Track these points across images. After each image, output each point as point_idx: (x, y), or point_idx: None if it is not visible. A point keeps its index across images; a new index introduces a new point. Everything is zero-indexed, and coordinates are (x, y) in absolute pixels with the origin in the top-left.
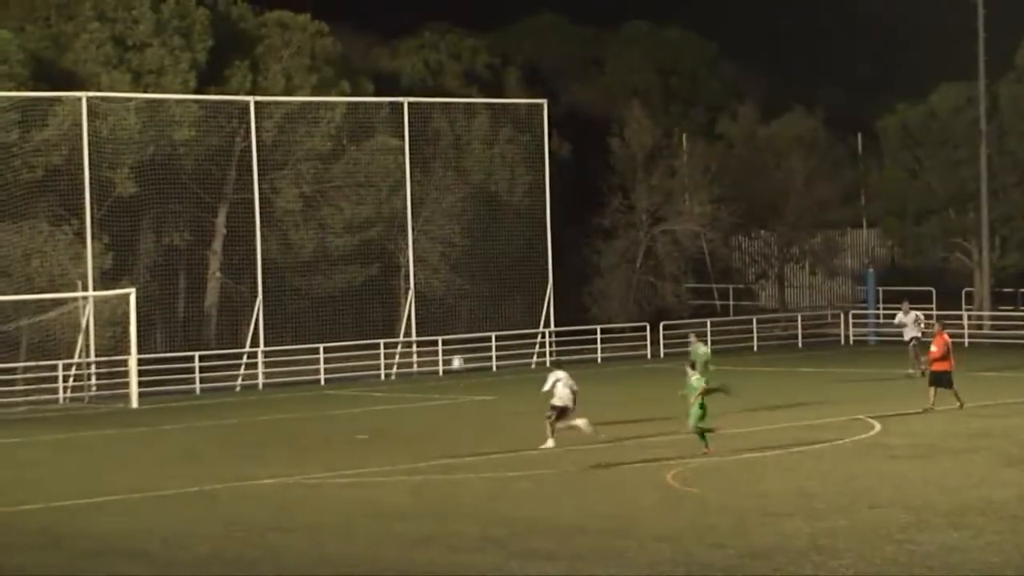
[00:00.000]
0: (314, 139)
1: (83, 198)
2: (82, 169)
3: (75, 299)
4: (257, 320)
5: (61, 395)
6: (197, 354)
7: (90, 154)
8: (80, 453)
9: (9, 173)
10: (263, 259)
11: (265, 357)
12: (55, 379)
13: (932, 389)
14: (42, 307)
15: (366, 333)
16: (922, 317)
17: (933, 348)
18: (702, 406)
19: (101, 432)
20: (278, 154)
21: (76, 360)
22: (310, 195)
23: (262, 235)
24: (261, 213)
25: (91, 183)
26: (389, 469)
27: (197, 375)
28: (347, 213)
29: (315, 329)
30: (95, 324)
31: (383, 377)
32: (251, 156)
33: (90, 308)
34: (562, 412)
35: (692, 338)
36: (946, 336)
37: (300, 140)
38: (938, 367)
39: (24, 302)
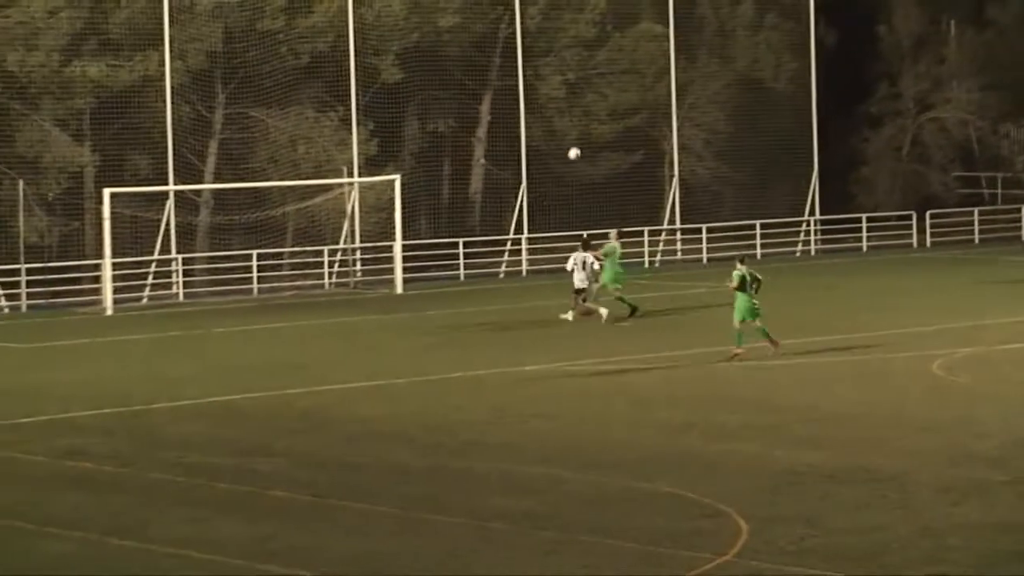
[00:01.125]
0: (578, 26)
1: (348, 84)
2: (347, 55)
3: (341, 185)
4: (521, 207)
5: (327, 280)
6: (461, 240)
7: (355, 40)
8: (344, 338)
9: (275, 60)
10: (527, 146)
11: (528, 244)
12: (320, 264)
13: None
14: (308, 193)
15: (629, 220)
16: None
17: None
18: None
19: (365, 317)
20: (542, 41)
21: (342, 246)
22: (574, 82)
23: (526, 122)
24: (525, 100)
25: (356, 69)
26: (652, 356)
27: (461, 261)
28: (611, 100)
29: (578, 216)
30: (360, 210)
31: (647, 264)
32: (515, 43)
33: (355, 194)
34: (579, 292)
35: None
36: None
37: (564, 27)
38: None
39: (291, 188)
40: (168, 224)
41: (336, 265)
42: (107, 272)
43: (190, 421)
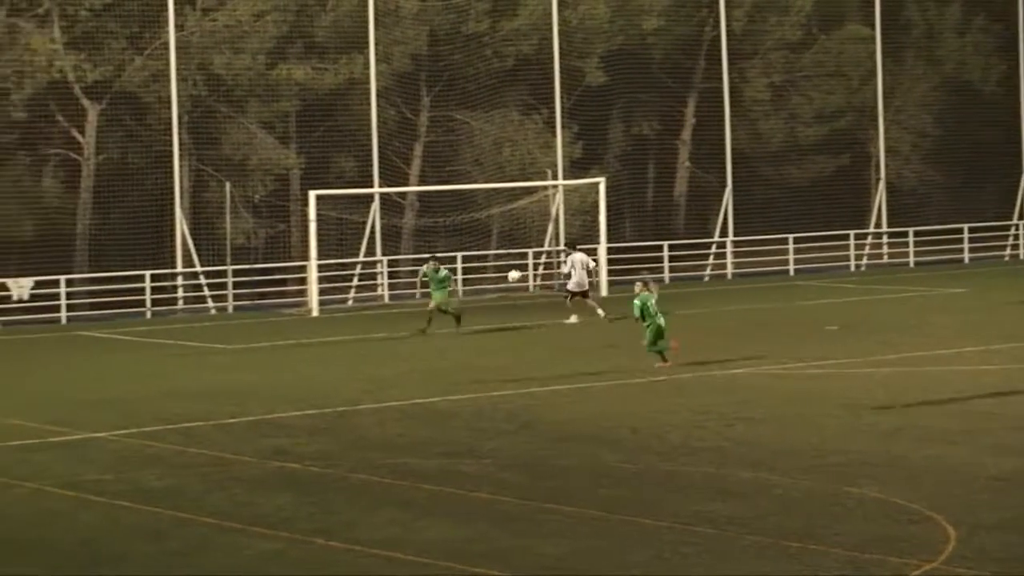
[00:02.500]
0: (784, 28)
1: (553, 87)
2: (552, 58)
3: (545, 188)
4: (726, 209)
5: (531, 281)
6: (666, 243)
7: (560, 43)
8: (547, 340)
9: (480, 63)
10: (732, 148)
11: (734, 247)
12: (524, 267)
13: None
14: (513, 195)
15: (835, 223)
16: None
17: None
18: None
19: (566, 320)
20: (747, 43)
21: (546, 248)
22: (779, 84)
23: (731, 124)
24: (730, 103)
25: (561, 72)
26: (860, 361)
27: (666, 264)
28: (817, 103)
29: (784, 219)
30: (564, 212)
31: (853, 268)
32: (720, 45)
33: (560, 197)
34: (582, 295)
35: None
36: None
37: (770, 29)
38: None
39: (495, 191)
40: (373, 226)
41: (540, 268)
42: (313, 274)
43: (395, 422)
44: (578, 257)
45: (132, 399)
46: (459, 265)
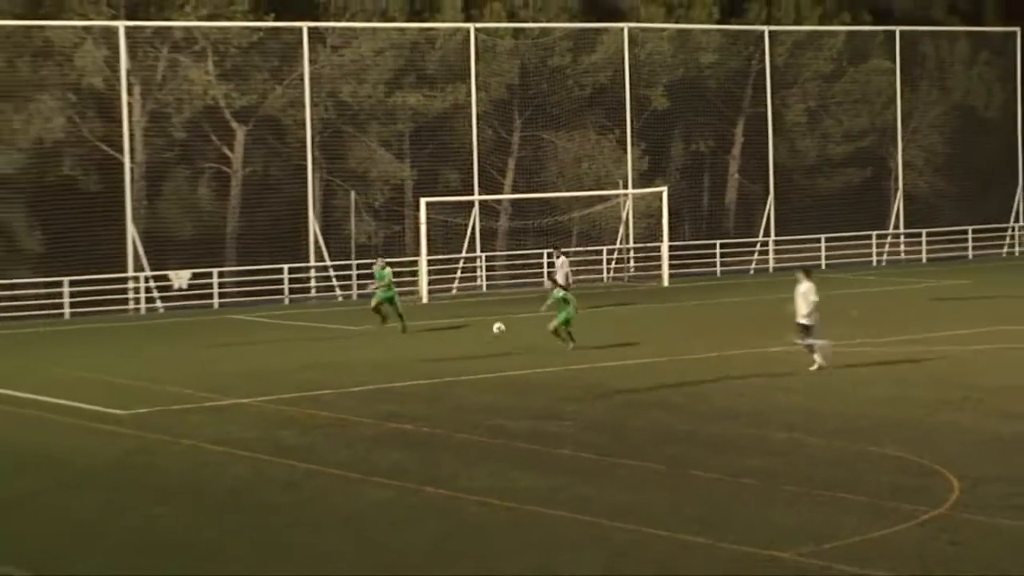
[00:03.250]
0: (818, 62)
1: (624, 112)
2: (623, 87)
3: (617, 195)
4: (768, 214)
5: (605, 275)
6: (718, 242)
7: (630, 75)
8: (619, 323)
9: (563, 91)
10: (774, 163)
11: (775, 245)
12: (599, 262)
13: None
14: (590, 202)
15: (860, 226)
16: None
17: None
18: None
19: (636, 306)
20: (788, 75)
21: (617, 246)
22: (814, 109)
23: (773, 143)
24: (773, 125)
25: (631, 99)
26: (877, 340)
27: (718, 260)
28: (845, 124)
29: (817, 222)
30: (633, 216)
31: (875, 263)
32: (765, 77)
33: (629, 203)
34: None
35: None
36: None
37: (806, 63)
38: None
39: (575, 198)
40: (474, 227)
41: (613, 262)
42: (423, 267)
43: (490, 391)
44: (564, 260)
45: (272, 371)
46: (544, 260)
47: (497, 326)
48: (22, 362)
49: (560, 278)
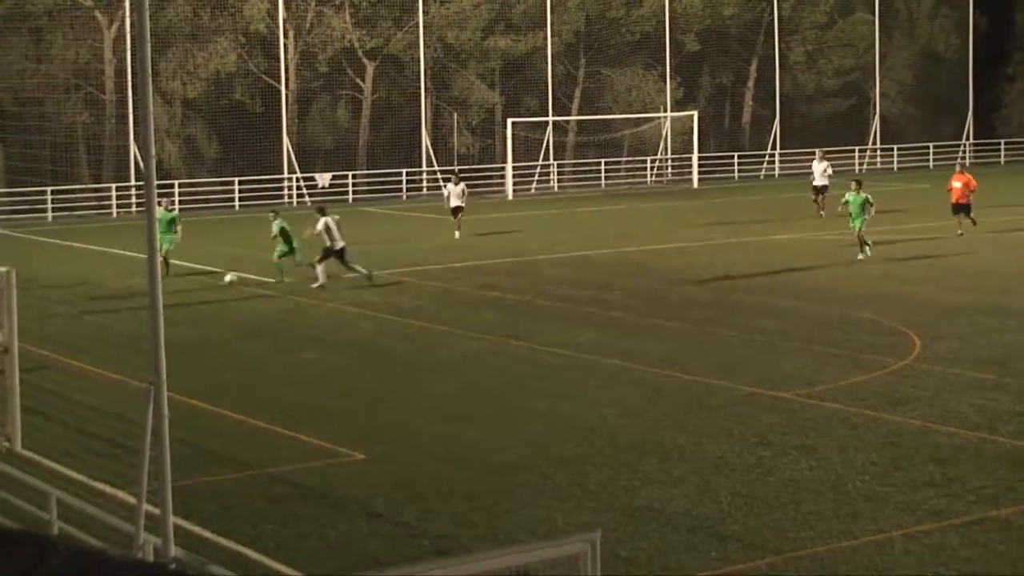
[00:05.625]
0: (815, 15)
1: (664, 53)
2: (664, 34)
3: (658, 118)
4: (775, 132)
5: (648, 178)
6: (736, 154)
7: (670, 24)
8: (660, 216)
9: (617, 37)
10: (780, 93)
11: (780, 157)
12: (645, 169)
13: None
14: (637, 123)
15: (845, 141)
16: None
17: None
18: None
19: (673, 203)
20: (791, 24)
21: (659, 156)
22: (812, 52)
23: (780, 78)
24: (779, 63)
25: (670, 43)
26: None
27: (735, 167)
28: (835, 63)
29: (813, 139)
30: (671, 133)
31: (856, 170)
32: (774, 25)
33: (668, 124)
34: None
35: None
36: None
37: (806, 15)
38: None
39: (626, 119)
40: (548, 142)
41: (655, 168)
42: (508, 172)
43: (561, 267)
44: (452, 187)
45: (392, 251)
46: (602, 166)
47: (229, 277)
48: (204, 242)
49: (454, 202)
